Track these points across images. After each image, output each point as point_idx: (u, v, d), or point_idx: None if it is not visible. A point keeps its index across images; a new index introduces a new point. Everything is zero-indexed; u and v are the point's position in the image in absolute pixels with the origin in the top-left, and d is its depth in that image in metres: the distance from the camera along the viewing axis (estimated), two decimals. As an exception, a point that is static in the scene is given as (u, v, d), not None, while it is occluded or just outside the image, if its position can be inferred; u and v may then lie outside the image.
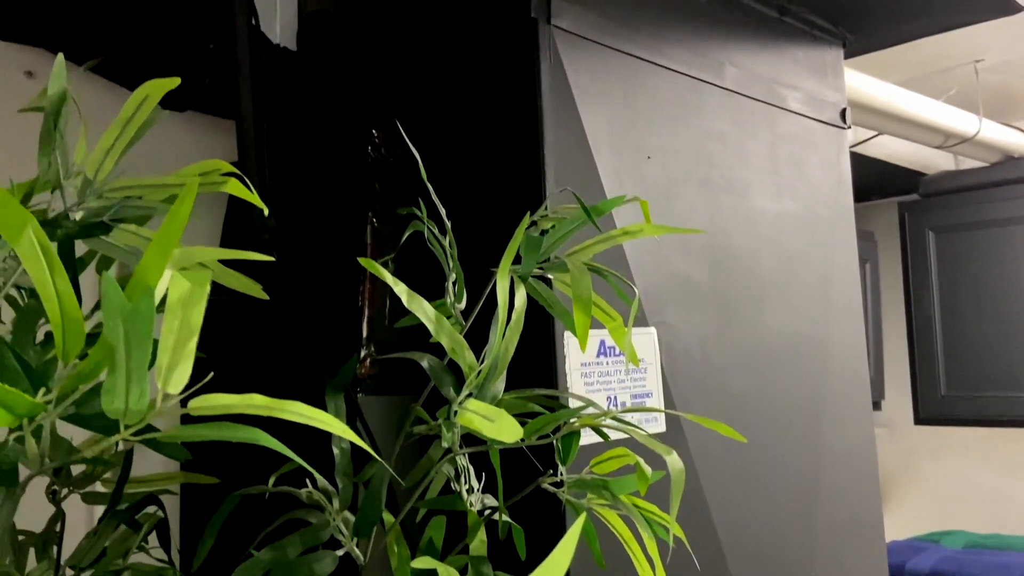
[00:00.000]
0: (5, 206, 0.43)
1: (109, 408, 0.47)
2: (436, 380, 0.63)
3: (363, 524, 0.64)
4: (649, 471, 0.68)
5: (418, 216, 0.80)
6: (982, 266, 2.63)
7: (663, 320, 1.07)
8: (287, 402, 0.48)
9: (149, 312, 0.44)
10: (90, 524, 1.38)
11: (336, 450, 0.64)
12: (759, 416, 1.21)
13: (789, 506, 1.23)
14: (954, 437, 2.95)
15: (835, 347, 1.35)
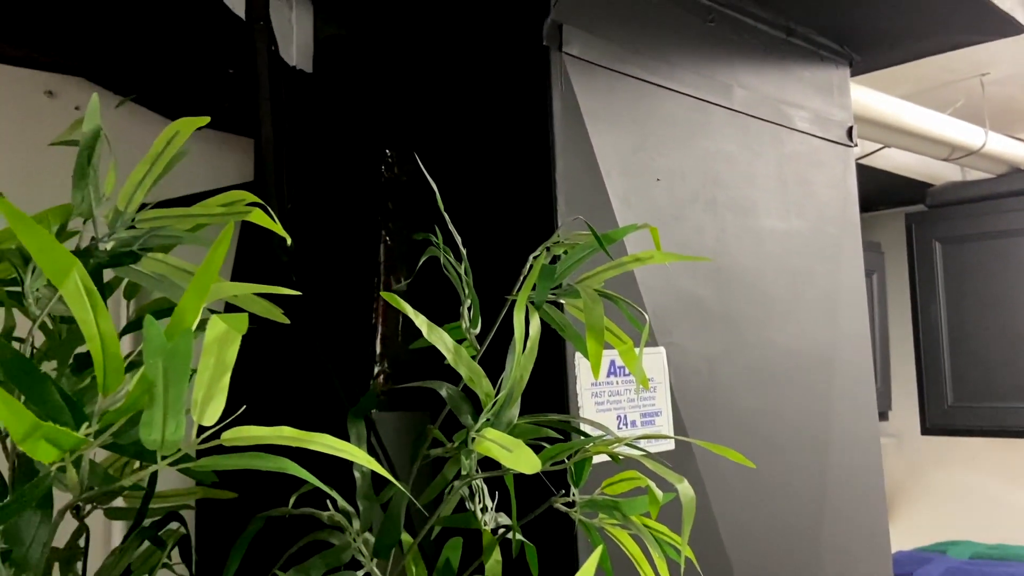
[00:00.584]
0: (52, 251, 0.45)
1: (147, 439, 0.49)
2: (454, 408, 0.65)
3: (383, 546, 0.66)
4: (660, 495, 0.70)
5: (434, 242, 0.82)
6: (988, 277, 2.64)
7: (672, 340, 1.09)
8: (315, 434, 0.50)
9: (187, 351, 0.46)
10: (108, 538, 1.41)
11: (357, 474, 0.67)
12: (766, 434, 1.23)
13: (796, 522, 1.25)
14: (961, 447, 2.96)
15: (842, 365, 1.37)
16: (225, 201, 0.74)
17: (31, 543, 0.58)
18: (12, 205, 0.46)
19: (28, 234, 0.45)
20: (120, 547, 0.82)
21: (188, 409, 0.49)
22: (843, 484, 1.34)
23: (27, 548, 0.58)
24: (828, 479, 1.32)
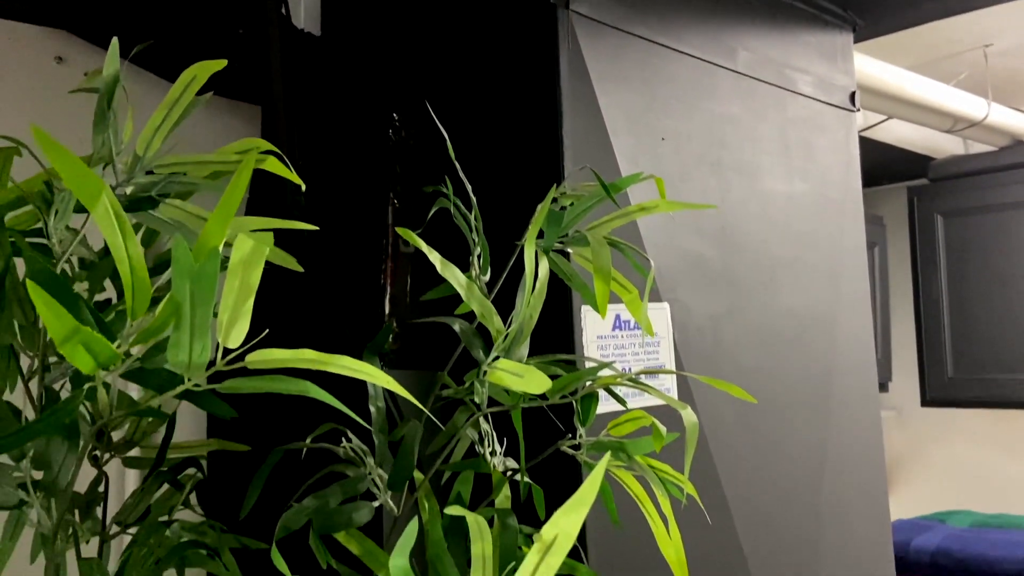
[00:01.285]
0: (83, 176, 0.47)
1: (175, 361, 0.51)
2: (467, 343, 0.67)
3: (397, 478, 0.69)
4: (664, 430, 0.72)
5: (444, 193, 0.84)
6: (990, 249, 2.65)
7: (676, 297, 1.11)
8: (335, 356, 0.52)
9: (214, 272, 0.48)
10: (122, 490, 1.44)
11: (373, 408, 0.69)
12: (768, 392, 1.25)
13: (796, 479, 1.27)
14: (961, 419, 2.98)
15: (843, 326, 1.39)
16: (241, 148, 0.76)
17: (60, 469, 0.61)
18: (46, 134, 0.48)
19: (61, 160, 0.47)
20: (140, 489, 0.85)
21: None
22: (843, 443, 1.36)
23: (56, 474, 0.60)
24: (828, 438, 1.34)
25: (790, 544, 1.26)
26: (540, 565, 0.47)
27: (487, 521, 0.72)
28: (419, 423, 0.72)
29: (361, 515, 0.66)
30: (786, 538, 1.25)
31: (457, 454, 0.85)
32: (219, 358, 0.52)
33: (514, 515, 0.73)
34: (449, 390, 0.75)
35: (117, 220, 0.48)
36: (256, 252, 0.48)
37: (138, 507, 0.85)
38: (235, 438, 0.99)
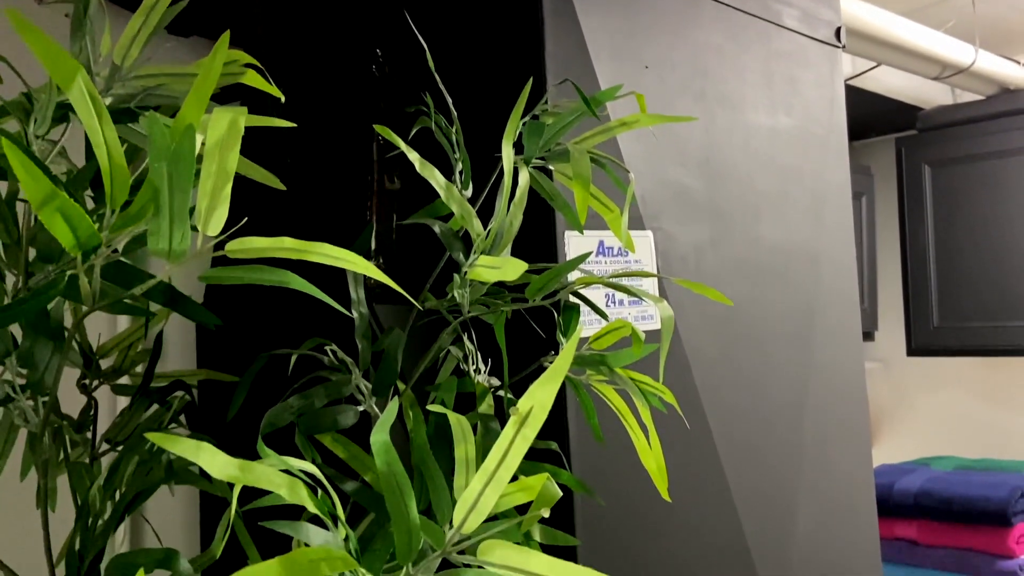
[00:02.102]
0: (57, 57, 0.47)
1: (155, 249, 0.52)
2: (447, 245, 0.68)
3: (381, 384, 0.70)
4: (643, 336, 0.73)
5: (425, 111, 0.84)
6: (977, 198, 2.66)
7: (659, 226, 1.12)
8: (314, 244, 0.53)
9: (191, 152, 0.48)
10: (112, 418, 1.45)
11: (356, 314, 0.69)
12: (750, 324, 1.26)
13: (779, 410, 1.29)
14: (946, 369, 3.02)
15: (826, 261, 1.40)
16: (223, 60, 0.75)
17: (44, 370, 0.61)
18: (23, 17, 0.48)
19: (36, 42, 0.47)
20: (127, 408, 0.86)
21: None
22: (824, 379, 1.38)
23: (41, 373, 0.61)
24: (810, 374, 1.36)
25: (772, 477, 1.28)
26: (516, 437, 0.48)
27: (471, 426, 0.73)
28: (402, 332, 0.73)
29: (346, 417, 0.67)
30: (768, 470, 1.27)
31: (444, 372, 0.86)
32: (199, 245, 0.52)
33: (496, 420, 0.74)
34: (433, 302, 0.76)
35: (93, 103, 0.48)
36: (232, 131, 0.48)
37: (127, 426, 0.86)
38: (226, 370, 1.00)
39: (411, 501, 0.50)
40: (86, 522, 0.64)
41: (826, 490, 1.36)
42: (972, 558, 2.14)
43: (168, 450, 0.56)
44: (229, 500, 0.49)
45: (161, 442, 0.42)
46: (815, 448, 1.34)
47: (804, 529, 1.31)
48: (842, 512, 1.39)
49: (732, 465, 1.19)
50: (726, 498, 1.18)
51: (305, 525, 0.47)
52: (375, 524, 0.69)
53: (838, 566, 1.36)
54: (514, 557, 0.48)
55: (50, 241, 0.60)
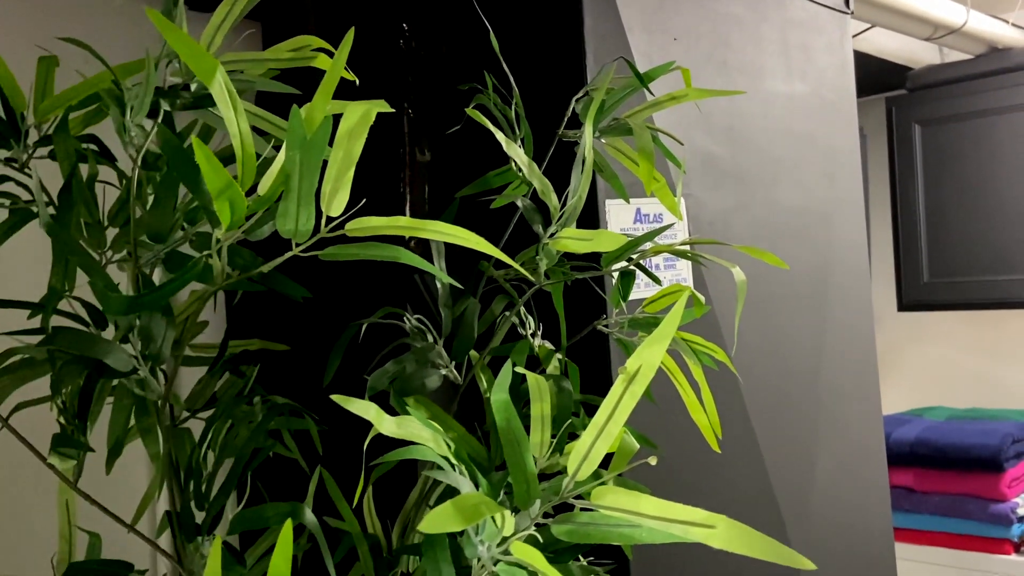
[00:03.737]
0: (199, 55, 0.51)
1: (283, 229, 0.56)
2: (529, 218, 0.72)
3: (460, 349, 0.75)
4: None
5: (480, 89, 0.88)
6: (965, 156, 2.73)
7: (690, 192, 1.17)
8: (427, 221, 0.57)
9: (323, 144, 0.52)
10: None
11: (439, 285, 0.74)
12: (771, 283, 1.32)
13: (798, 363, 1.35)
14: (935, 322, 3.11)
15: (838, 222, 1.46)
16: (293, 47, 0.79)
17: (161, 343, 0.66)
18: (160, 15, 0.51)
19: (176, 38, 0.51)
20: (205, 377, 0.90)
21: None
22: (838, 334, 1.45)
23: (159, 346, 0.65)
24: (826, 328, 1.42)
25: (793, 427, 1.35)
26: (625, 393, 0.53)
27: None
28: (477, 301, 0.78)
29: (432, 380, 0.72)
30: (789, 422, 1.34)
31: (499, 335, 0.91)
32: (322, 226, 0.57)
33: (567, 380, 0.79)
34: (501, 271, 0.80)
35: (229, 95, 0.52)
36: (363, 122, 0.52)
37: (204, 392, 0.91)
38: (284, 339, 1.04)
39: (527, 454, 0.55)
40: (198, 483, 0.69)
41: (841, 438, 1.43)
42: (966, 503, 2.24)
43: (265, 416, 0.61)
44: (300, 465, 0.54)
45: (343, 402, 0.47)
46: (831, 400, 1.41)
47: (822, 475, 1.38)
48: (856, 459, 1.46)
49: (758, 418, 1.25)
50: (755, 450, 1.25)
51: (455, 474, 0.52)
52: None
53: (853, 508, 1.45)
54: (625, 500, 0.54)
55: (160, 223, 0.64)
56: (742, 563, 1.22)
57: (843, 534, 1.42)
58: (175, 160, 0.48)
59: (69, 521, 0.89)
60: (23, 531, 1.25)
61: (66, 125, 0.78)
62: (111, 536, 0.89)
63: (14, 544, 1.26)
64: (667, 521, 0.52)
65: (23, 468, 1.25)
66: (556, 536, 0.54)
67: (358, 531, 0.74)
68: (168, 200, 0.63)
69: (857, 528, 1.46)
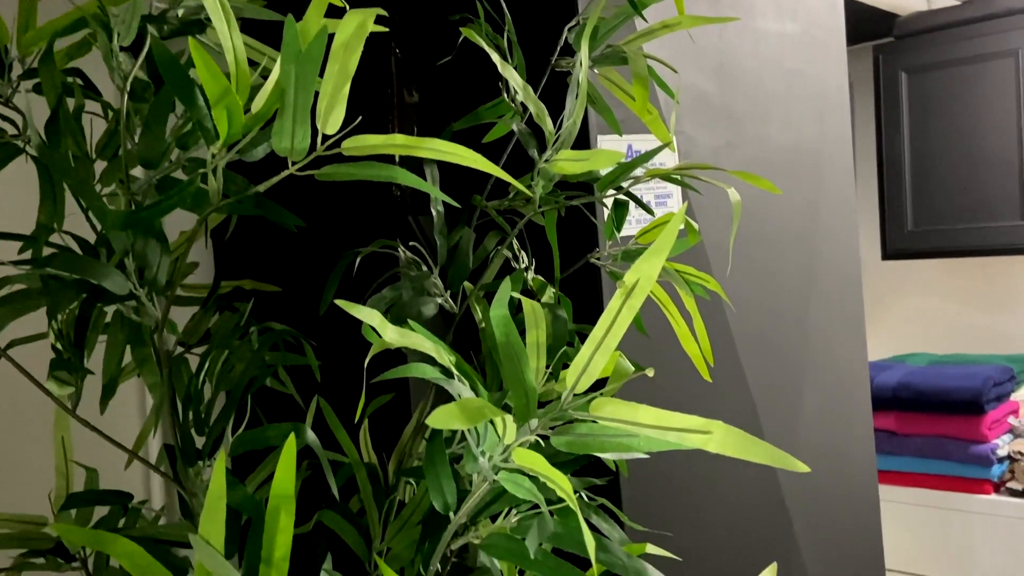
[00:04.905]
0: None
1: (279, 147, 0.56)
2: (524, 142, 0.72)
3: (455, 278, 0.75)
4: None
5: (470, 19, 0.87)
6: (952, 103, 2.73)
7: (681, 129, 1.17)
8: (423, 139, 0.57)
9: (318, 57, 0.52)
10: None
11: (433, 212, 0.74)
12: (761, 220, 1.33)
13: (786, 300, 1.37)
14: (918, 270, 3.14)
15: (827, 160, 1.46)
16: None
17: (157, 269, 0.65)
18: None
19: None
20: (199, 313, 0.90)
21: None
22: (826, 272, 1.46)
23: (155, 272, 0.65)
24: (814, 268, 1.43)
25: (781, 363, 1.36)
26: (623, 307, 0.54)
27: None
28: (471, 231, 0.78)
29: (428, 309, 0.72)
30: (778, 358, 1.36)
31: (492, 269, 0.91)
32: (319, 144, 0.56)
33: (564, 301, 0.80)
34: (495, 202, 0.80)
35: (223, 8, 0.51)
36: (359, 33, 0.52)
37: (198, 328, 0.91)
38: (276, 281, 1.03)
39: (527, 368, 0.56)
40: (197, 410, 0.69)
41: (828, 375, 1.45)
42: (947, 444, 2.29)
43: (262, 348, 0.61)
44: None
45: (347, 307, 0.47)
46: (818, 337, 1.43)
47: (809, 410, 1.41)
48: (842, 396, 1.49)
49: (747, 353, 1.27)
50: (742, 384, 1.26)
51: (457, 383, 0.53)
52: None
53: (838, 443, 1.47)
54: (623, 411, 0.54)
55: (151, 149, 0.64)
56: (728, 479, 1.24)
57: (828, 472, 1.45)
58: (169, 72, 0.48)
59: (66, 457, 0.90)
60: (20, 469, 1.26)
61: (51, 55, 0.77)
62: (108, 474, 0.89)
63: (10, 482, 1.26)
64: (664, 429, 0.53)
65: (17, 407, 1.25)
66: (556, 448, 0.55)
67: (356, 458, 0.75)
68: (159, 125, 0.62)
69: (842, 467, 1.48)
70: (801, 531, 1.37)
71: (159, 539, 0.70)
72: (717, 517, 1.23)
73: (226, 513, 0.54)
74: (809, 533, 1.39)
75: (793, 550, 1.36)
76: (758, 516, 1.30)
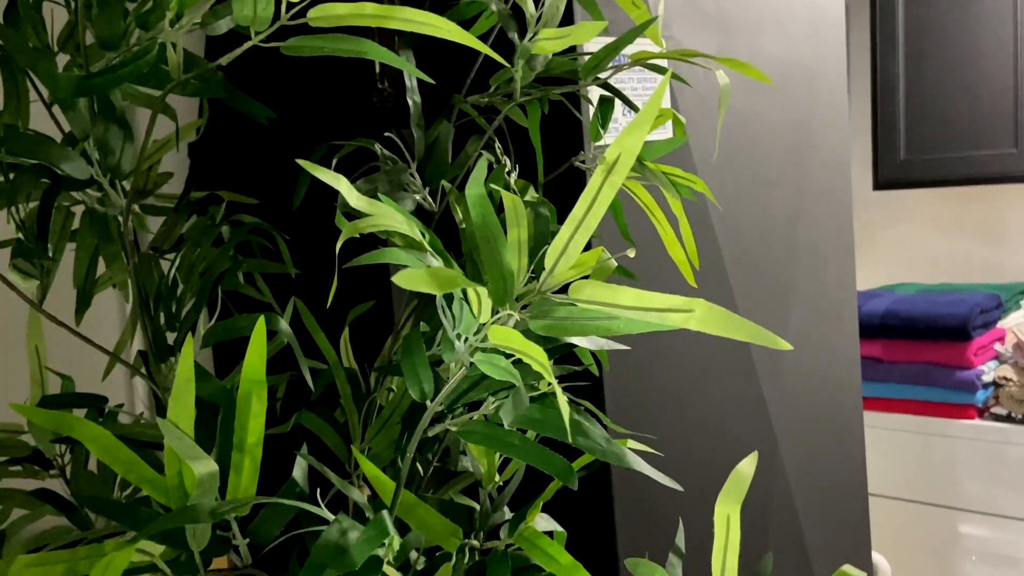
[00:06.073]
0: None
1: (239, 15, 0.53)
2: (504, 24, 0.69)
3: (433, 174, 0.72)
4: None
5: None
6: (948, 29, 2.68)
7: (671, 35, 1.13)
8: (394, 8, 0.54)
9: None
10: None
11: (410, 102, 0.71)
12: (752, 134, 1.30)
13: (775, 217, 1.35)
14: (910, 202, 3.12)
15: (821, 77, 1.43)
16: None
17: (120, 155, 0.63)
18: None
19: None
20: (171, 217, 0.88)
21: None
22: (817, 192, 1.44)
23: (118, 158, 0.62)
24: (805, 186, 1.41)
25: (768, 282, 1.35)
26: (604, 184, 0.52)
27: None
28: (450, 124, 0.75)
29: (406, 205, 0.70)
30: (765, 276, 1.34)
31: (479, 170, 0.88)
32: (283, 12, 0.53)
33: (546, 204, 0.78)
34: (473, 97, 0.78)
35: None
36: None
37: (172, 234, 0.88)
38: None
39: (504, 250, 0.54)
40: (168, 306, 0.67)
41: (816, 297, 1.44)
42: (933, 371, 2.30)
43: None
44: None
45: (309, 167, 0.45)
46: (807, 258, 1.41)
47: (796, 331, 1.40)
48: (830, 319, 1.48)
49: (734, 271, 1.25)
50: (729, 302, 1.25)
51: (424, 255, 0.51)
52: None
53: (824, 367, 1.47)
54: (603, 293, 0.53)
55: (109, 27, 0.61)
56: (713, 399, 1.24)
57: (813, 396, 1.45)
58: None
59: (40, 364, 0.88)
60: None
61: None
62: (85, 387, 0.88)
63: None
64: (645, 310, 0.51)
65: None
66: (536, 333, 0.53)
67: (335, 359, 0.73)
68: (117, 1, 0.59)
69: (827, 392, 1.48)
70: (786, 456, 1.38)
71: (132, 438, 0.68)
72: (701, 439, 1.23)
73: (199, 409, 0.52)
74: (793, 458, 1.39)
75: (778, 473, 1.37)
76: (743, 443, 1.30)
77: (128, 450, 0.51)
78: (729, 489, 0.57)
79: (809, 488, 1.43)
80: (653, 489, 1.14)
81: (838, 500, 1.51)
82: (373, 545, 0.46)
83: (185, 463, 0.50)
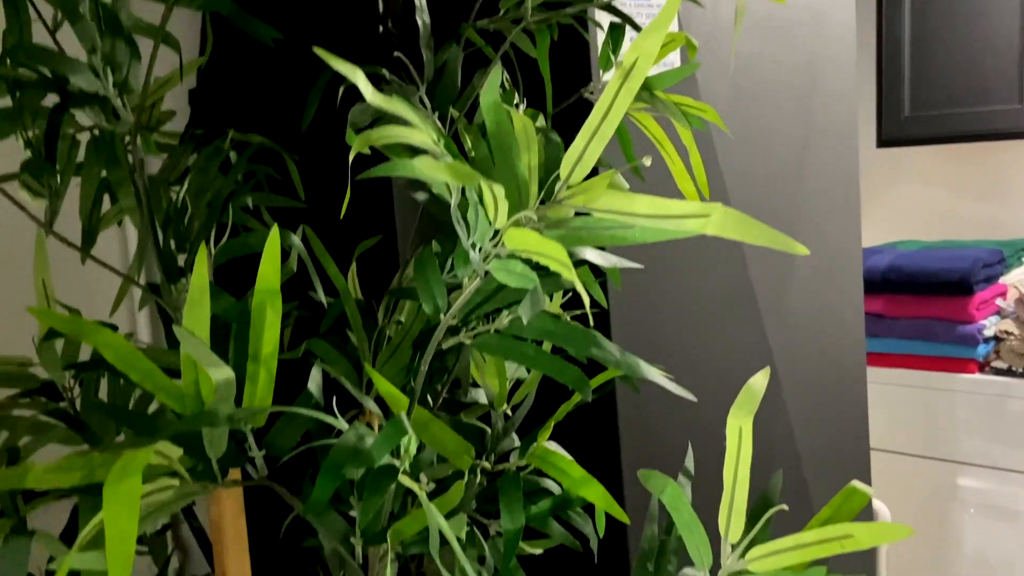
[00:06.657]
0: None
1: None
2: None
3: (443, 98, 0.72)
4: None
5: None
6: (955, -17, 2.65)
7: (678, -28, 1.12)
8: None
9: None
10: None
11: (419, 22, 0.70)
12: (759, 77, 1.29)
13: (781, 162, 1.34)
14: (913, 158, 3.11)
15: (829, 19, 1.41)
16: None
17: (128, 71, 0.62)
18: None
19: None
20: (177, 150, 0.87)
21: None
22: (822, 139, 1.43)
23: (125, 74, 0.61)
24: (810, 132, 1.40)
25: (773, 223, 1.35)
26: (620, 89, 0.51)
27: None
28: (459, 48, 0.74)
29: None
30: (769, 221, 1.34)
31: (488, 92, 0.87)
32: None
33: (556, 133, 0.77)
34: (482, 21, 0.77)
35: None
36: None
37: (177, 166, 0.88)
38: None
39: (518, 158, 0.53)
40: (177, 228, 0.67)
41: (820, 245, 1.44)
42: (935, 325, 2.31)
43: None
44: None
45: (325, 56, 0.44)
46: (812, 205, 1.41)
47: (800, 277, 1.40)
48: (833, 269, 1.48)
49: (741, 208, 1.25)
50: (735, 248, 1.25)
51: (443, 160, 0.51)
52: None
53: (827, 311, 1.47)
54: (619, 201, 0.52)
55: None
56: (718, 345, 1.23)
57: (815, 349, 1.45)
58: None
59: (47, 297, 0.88)
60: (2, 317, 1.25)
61: None
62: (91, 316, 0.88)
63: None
64: (660, 218, 0.51)
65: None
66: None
67: (344, 285, 0.73)
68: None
69: (829, 345, 1.49)
70: (791, 409, 1.39)
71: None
72: (705, 381, 1.23)
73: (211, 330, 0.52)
74: (797, 411, 1.40)
75: (782, 425, 1.37)
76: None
77: (145, 359, 0.51)
78: (741, 402, 0.57)
79: (812, 441, 1.44)
80: (657, 420, 1.14)
81: (841, 453, 1.52)
82: (392, 443, 0.46)
83: (202, 370, 0.50)
